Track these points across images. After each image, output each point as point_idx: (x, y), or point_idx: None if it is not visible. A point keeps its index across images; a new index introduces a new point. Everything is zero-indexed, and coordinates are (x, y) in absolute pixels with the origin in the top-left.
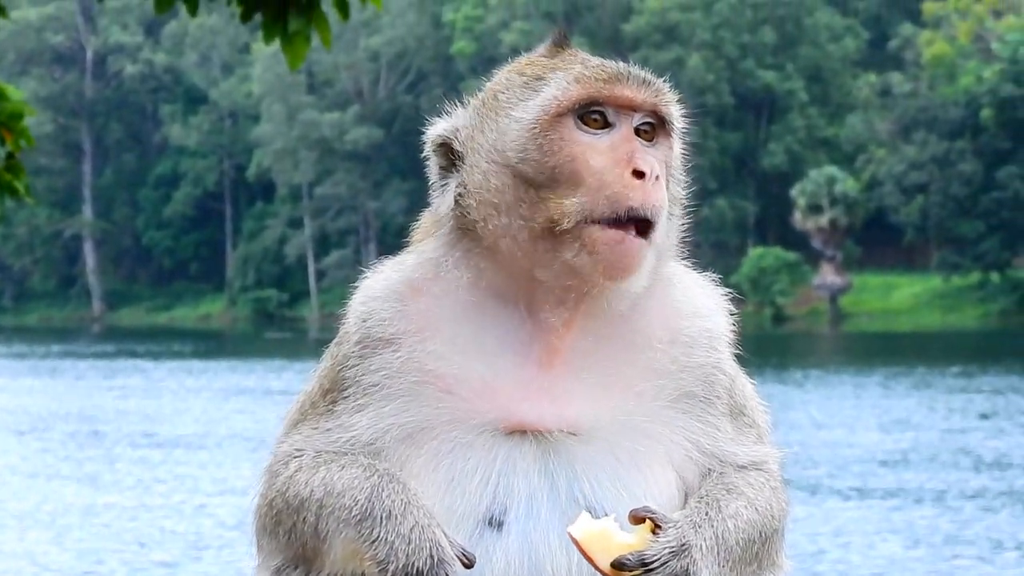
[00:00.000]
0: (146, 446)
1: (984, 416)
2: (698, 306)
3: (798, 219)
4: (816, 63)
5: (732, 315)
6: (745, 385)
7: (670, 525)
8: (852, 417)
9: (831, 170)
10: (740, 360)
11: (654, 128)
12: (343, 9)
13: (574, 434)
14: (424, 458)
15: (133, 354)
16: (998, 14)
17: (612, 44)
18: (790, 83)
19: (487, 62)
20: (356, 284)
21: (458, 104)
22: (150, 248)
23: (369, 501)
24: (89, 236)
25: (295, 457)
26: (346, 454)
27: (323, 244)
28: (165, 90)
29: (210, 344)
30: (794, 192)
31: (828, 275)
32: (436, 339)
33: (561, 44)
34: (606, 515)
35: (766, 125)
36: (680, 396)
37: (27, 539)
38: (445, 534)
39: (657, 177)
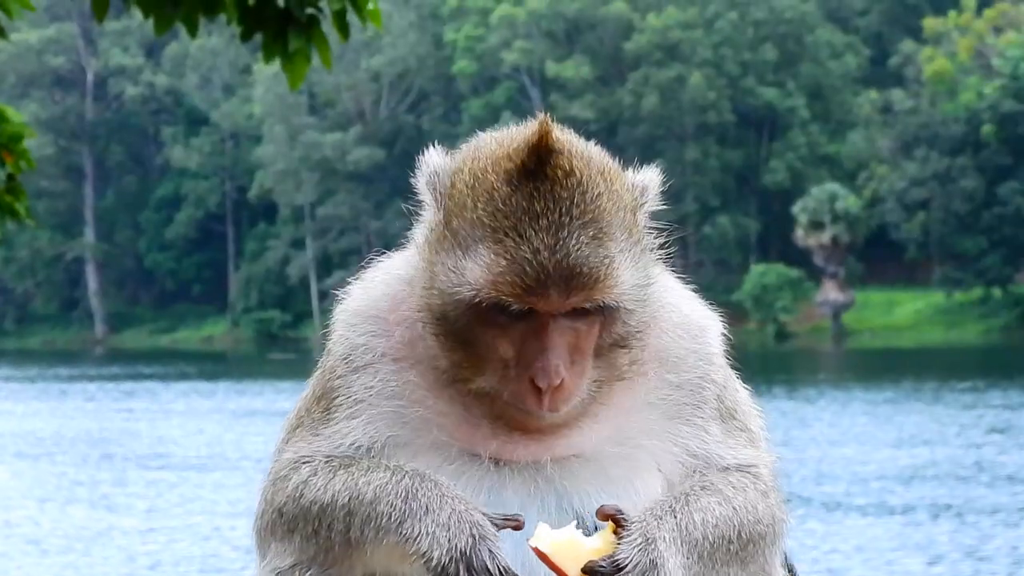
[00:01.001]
0: (157, 468)
1: (993, 431)
2: (687, 326)
3: (800, 236)
4: (817, 80)
5: (723, 328)
6: (738, 391)
7: (633, 522)
8: (861, 434)
9: (833, 187)
10: (745, 377)
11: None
12: (343, 29)
13: (564, 461)
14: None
15: (138, 377)
16: (998, 30)
17: (613, 63)
18: (791, 100)
19: (488, 81)
20: (343, 294)
21: (458, 140)
22: (152, 270)
23: (406, 503)
24: (91, 259)
25: (305, 462)
26: (361, 459)
27: (325, 264)
28: (166, 112)
29: (214, 366)
30: (796, 209)
31: (830, 292)
32: (411, 370)
33: (535, 175)
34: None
35: (767, 142)
36: (669, 406)
37: (43, 563)
38: (485, 514)
39: (559, 384)
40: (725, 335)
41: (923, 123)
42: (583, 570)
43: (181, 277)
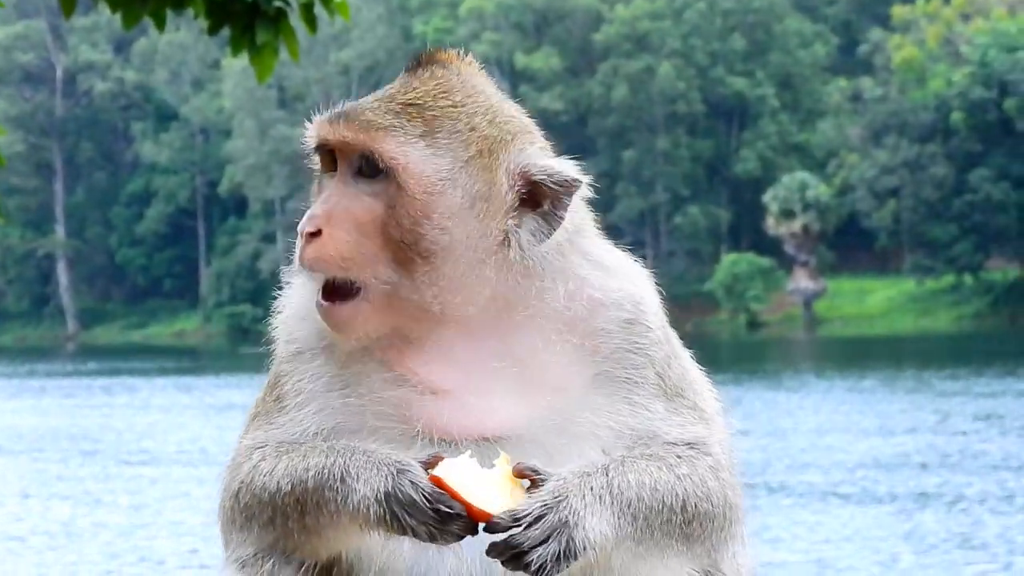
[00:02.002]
0: (139, 464)
1: (973, 419)
2: (615, 292)
3: (771, 225)
4: (786, 69)
5: (658, 292)
6: (685, 368)
7: (550, 478)
8: (842, 422)
9: (803, 176)
10: (717, 366)
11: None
12: (311, 22)
13: (501, 439)
14: None
15: (113, 372)
16: (967, 18)
17: (583, 54)
18: (761, 90)
19: None
20: (285, 286)
21: None
22: (124, 266)
23: (343, 482)
24: (62, 255)
25: (257, 448)
26: (305, 443)
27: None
28: (136, 107)
29: (188, 361)
30: (766, 198)
31: (802, 280)
32: (348, 355)
33: (409, 67)
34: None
35: (738, 132)
36: (604, 382)
37: (25, 560)
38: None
39: (315, 232)
40: (672, 319)
41: (892, 111)
42: (485, 529)
43: (152, 273)
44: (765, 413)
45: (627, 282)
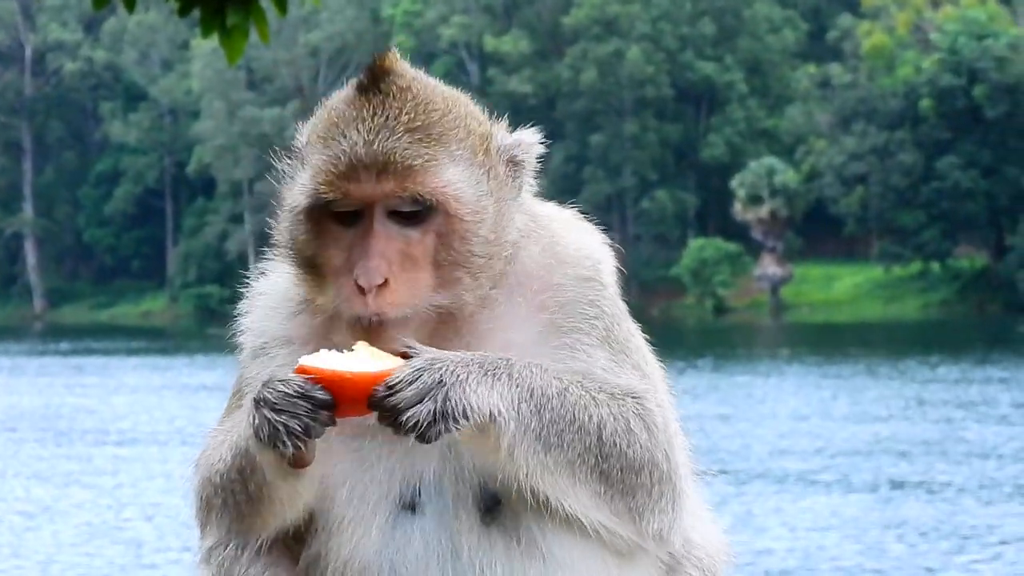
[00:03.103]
0: (112, 443)
1: (945, 405)
2: (569, 253)
3: (738, 210)
4: (755, 55)
5: (612, 255)
6: (633, 333)
7: (425, 351)
8: (812, 408)
9: (771, 161)
10: (684, 351)
11: (420, 201)
12: (281, 4)
13: None
14: (327, 450)
15: (81, 352)
16: (936, 4)
17: (551, 37)
18: (729, 75)
19: (427, 57)
20: (248, 287)
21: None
22: (91, 246)
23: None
24: (30, 234)
25: (214, 446)
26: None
27: (264, 240)
28: (105, 87)
29: (155, 341)
30: (734, 183)
31: (769, 266)
32: (303, 350)
33: (368, 89)
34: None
35: (706, 117)
36: (552, 332)
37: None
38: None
39: (383, 283)
40: (618, 269)
41: (861, 98)
42: (368, 404)
43: (120, 253)
44: (738, 399)
45: (585, 239)
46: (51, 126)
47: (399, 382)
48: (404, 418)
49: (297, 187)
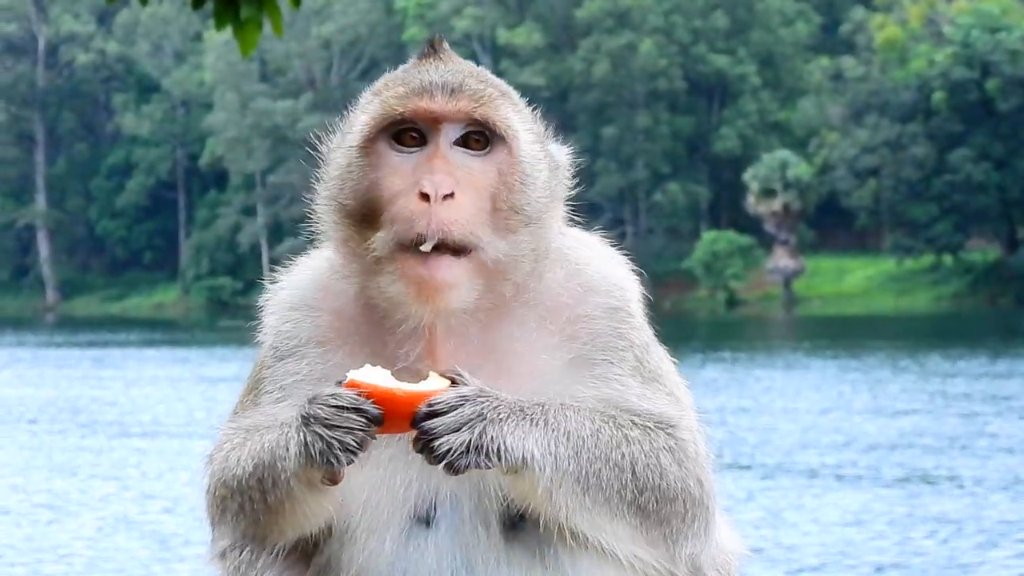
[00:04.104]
0: (133, 436)
1: (961, 399)
2: (597, 282)
3: (751, 203)
4: (768, 48)
5: (639, 283)
6: (662, 359)
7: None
8: (830, 402)
9: (784, 154)
10: (697, 344)
11: (486, 135)
12: None
13: None
14: None
15: (94, 344)
16: None
17: (564, 30)
18: (742, 68)
19: None
20: (272, 284)
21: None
22: (103, 238)
23: (287, 449)
24: (42, 226)
25: (227, 442)
26: (264, 427)
27: (276, 232)
28: (117, 79)
29: (167, 333)
30: (747, 176)
31: (781, 259)
32: (338, 351)
33: (429, 54)
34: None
35: (718, 110)
36: (581, 364)
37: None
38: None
39: (449, 195)
40: (645, 297)
41: (874, 90)
42: (411, 424)
43: (132, 244)
44: (758, 392)
45: (614, 267)
46: (63, 118)
47: (441, 404)
48: (438, 443)
49: (359, 122)
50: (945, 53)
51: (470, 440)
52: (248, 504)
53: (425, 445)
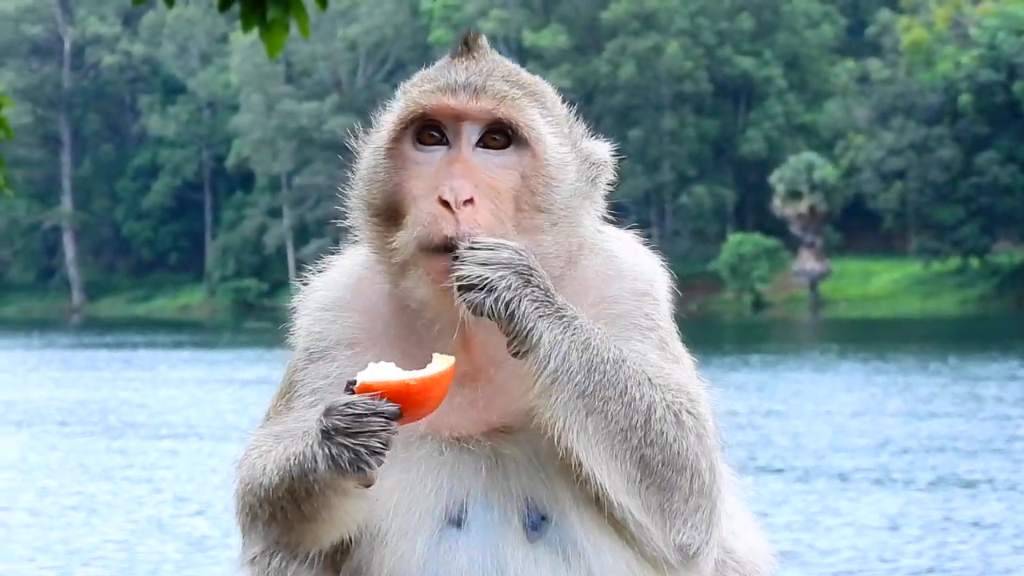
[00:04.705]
0: (166, 437)
1: (994, 403)
2: (626, 269)
3: (777, 205)
4: (794, 50)
5: (668, 278)
6: (684, 354)
7: None
8: (862, 404)
9: (810, 156)
10: (725, 345)
11: (508, 136)
12: None
13: (511, 428)
14: None
15: (121, 345)
16: (976, 0)
17: (590, 32)
18: (768, 70)
19: None
20: (304, 285)
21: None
22: (129, 239)
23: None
24: (68, 227)
25: (255, 448)
26: (292, 436)
27: (302, 234)
28: (143, 81)
29: (193, 334)
30: (773, 178)
31: (807, 261)
32: (369, 352)
33: (462, 52)
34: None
35: (744, 112)
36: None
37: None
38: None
39: (469, 200)
40: (678, 300)
41: (900, 93)
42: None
43: (158, 246)
44: (789, 395)
45: (643, 258)
46: (89, 119)
47: (484, 242)
48: (462, 271)
49: (386, 121)
50: (971, 55)
51: (490, 280)
52: (280, 513)
53: (454, 273)
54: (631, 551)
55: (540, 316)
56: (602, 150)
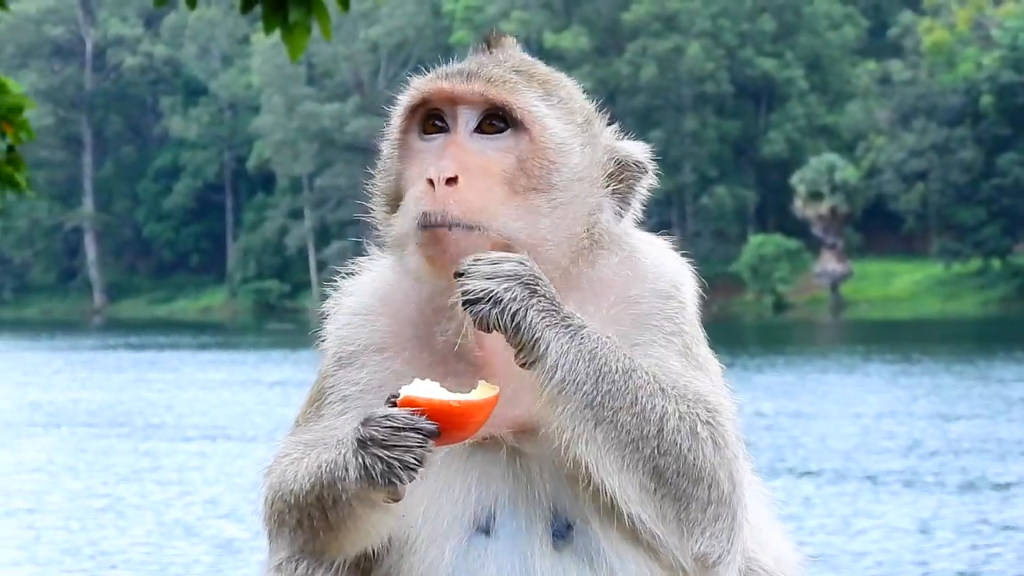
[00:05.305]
0: (193, 439)
1: (1017, 404)
2: (648, 269)
3: (798, 207)
4: (815, 51)
5: (694, 282)
6: (710, 360)
7: None
8: (888, 406)
9: (831, 158)
10: (746, 346)
11: (507, 121)
12: (343, 0)
13: (532, 433)
14: None
15: (143, 347)
16: (997, 1)
17: (611, 33)
18: (789, 71)
19: None
20: (335, 289)
21: None
22: (150, 240)
23: (346, 470)
24: (90, 229)
25: (286, 455)
26: (323, 444)
27: (324, 235)
28: (165, 82)
29: (214, 336)
30: (794, 180)
31: (829, 263)
32: (397, 358)
33: (481, 49)
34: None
35: (765, 113)
36: (632, 347)
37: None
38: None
39: (453, 179)
40: (701, 295)
41: (921, 94)
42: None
43: (179, 247)
44: (815, 397)
45: (668, 260)
46: (111, 121)
47: (487, 256)
48: (468, 284)
49: (395, 111)
50: (993, 56)
51: (495, 292)
52: (307, 520)
53: (460, 287)
54: (656, 561)
55: (547, 326)
56: (633, 149)
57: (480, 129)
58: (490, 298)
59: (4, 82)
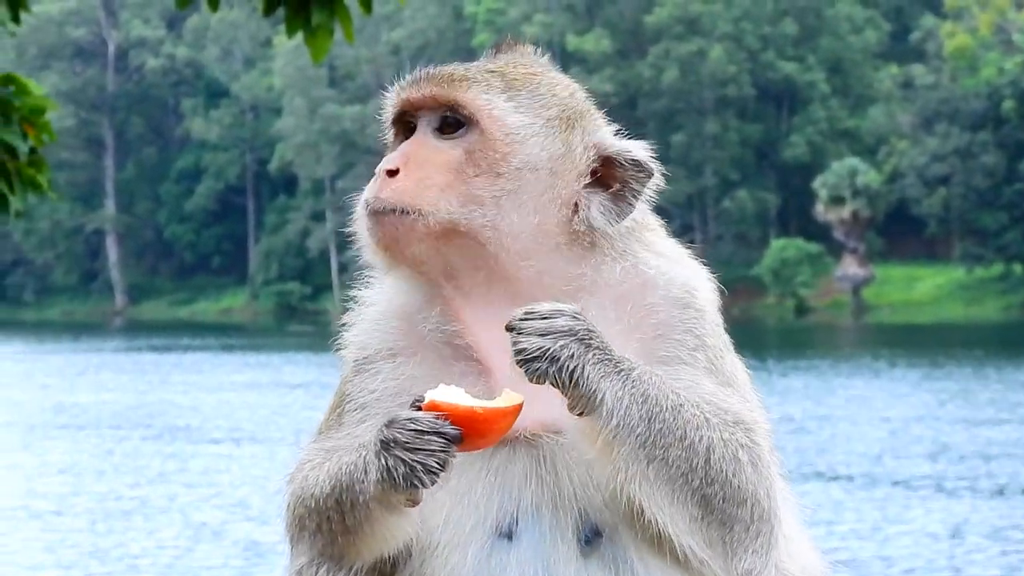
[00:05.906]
0: (219, 442)
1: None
2: (657, 276)
3: (820, 211)
4: (837, 55)
5: (717, 294)
6: (738, 369)
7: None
8: (913, 410)
9: (853, 162)
10: (767, 350)
11: (460, 121)
12: (366, 3)
13: (557, 432)
14: None
15: (175, 348)
16: (1020, 5)
17: (633, 36)
18: (811, 75)
19: None
20: (355, 299)
21: None
22: (172, 242)
23: (365, 472)
24: (111, 230)
25: (308, 461)
26: (343, 449)
27: (345, 238)
28: (186, 84)
29: (236, 338)
30: (816, 184)
31: (850, 267)
32: (410, 362)
33: (488, 56)
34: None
35: (787, 117)
36: (650, 357)
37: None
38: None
39: (394, 171)
40: (721, 305)
41: (944, 98)
42: (506, 328)
43: (201, 249)
44: (841, 401)
45: (682, 268)
46: (133, 122)
47: (539, 310)
48: (522, 341)
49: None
50: (1015, 61)
51: (551, 350)
52: (326, 524)
53: (514, 345)
54: (686, 573)
55: (602, 377)
56: (630, 148)
57: (441, 130)
58: (546, 356)
59: (26, 83)
